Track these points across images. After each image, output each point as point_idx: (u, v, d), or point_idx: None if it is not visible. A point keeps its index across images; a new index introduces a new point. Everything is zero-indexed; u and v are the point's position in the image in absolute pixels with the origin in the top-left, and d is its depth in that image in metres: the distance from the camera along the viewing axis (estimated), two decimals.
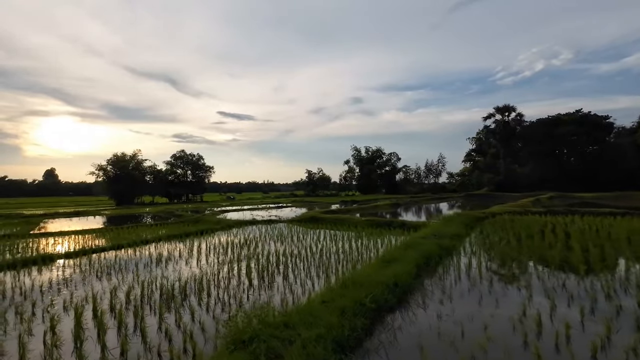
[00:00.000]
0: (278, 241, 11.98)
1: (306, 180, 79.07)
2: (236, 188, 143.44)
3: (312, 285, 6.59)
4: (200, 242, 12.02)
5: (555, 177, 49.22)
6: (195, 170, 66.33)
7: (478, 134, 68.82)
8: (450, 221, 11.19)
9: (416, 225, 13.70)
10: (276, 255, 9.34)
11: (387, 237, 11.57)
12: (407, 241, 7.09)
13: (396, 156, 75.17)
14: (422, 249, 6.24)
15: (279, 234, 13.49)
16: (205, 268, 8.30)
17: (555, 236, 9.78)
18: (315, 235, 13.16)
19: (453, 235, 8.37)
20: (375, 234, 12.81)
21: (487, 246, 8.55)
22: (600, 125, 49.49)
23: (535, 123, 55.05)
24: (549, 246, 8.67)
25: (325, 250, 9.84)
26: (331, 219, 16.63)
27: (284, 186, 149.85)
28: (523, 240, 9.38)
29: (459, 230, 9.09)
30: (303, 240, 12.05)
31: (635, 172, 44.57)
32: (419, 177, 75.65)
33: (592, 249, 7.96)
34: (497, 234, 9.69)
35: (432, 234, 8.31)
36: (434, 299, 4.87)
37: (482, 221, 13.19)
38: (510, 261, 7.34)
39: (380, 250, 9.53)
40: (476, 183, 59.62)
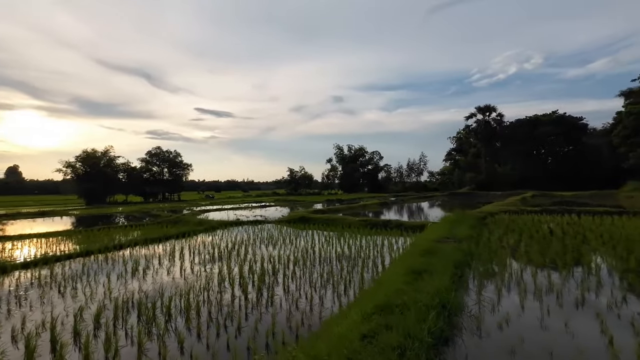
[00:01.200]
0: (270, 244, 10.97)
1: (288, 179, 77.75)
2: (215, 186, 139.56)
3: (319, 300, 5.68)
4: (182, 246, 10.81)
5: (535, 176, 50.53)
6: (172, 167, 63.59)
7: (458, 133, 69.96)
8: (456, 222, 10.58)
9: (414, 226, 13.06)
10: (271, 261, 8.36)
11: (387, 240, 10.82)
12: (425, 246, 6.34)
13: (379, 155, 75.29)
14: (446, 256, 5.50)
15: (268, 236, 12.46)
16: (192, 279, 7.20)
17: (569, 236, 9.34)
18: (309, 237, 12.23)
19: (467, 238, 7.70)
20: (373, 235, 12.04)
21: (509, 249, 7.94)
22: (576, 126, 51.24)
23: (514, 123, 56.33)
24: (571, 247, 8.18)
25: (325, 255, 8.95)
26: (322, 219, 15.74)
27: (265, 185, 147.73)
28: (537, 240, 8.85)
29: (470, 232, 8.46)
30: (296, 242, 11.09)
31: (609, 171, 46.36)
32: (401, 175, 76.13)
33: (619, 249, 7.53)
34: (509, 235, 9.14)
35: (445, 236, 7.60)
36: (488, 321, 4.03)
37: (484, 221, 12.71)
38: (546, 266, 6.73)
39: (384, 253, 8.77)
40: (457, 182, 60.44)
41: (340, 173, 76.82)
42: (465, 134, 66.01)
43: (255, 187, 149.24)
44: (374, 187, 70.65)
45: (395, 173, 76.89)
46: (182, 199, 60.79)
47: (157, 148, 62.95)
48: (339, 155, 77.36)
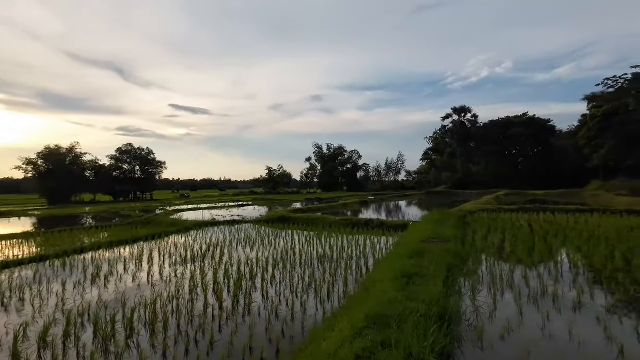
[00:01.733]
0: (247, 246, 10.39)
1: (266, 178, 76.55)
2: (190, 185, 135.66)
3: (301, 306, 5.23)
4: (151, 248, 10.03)
5: (507, 175, 52.35)
6: (145, 165, 60.99)
7: (435, 134, 71.51)
8: (439, 222, 10.44)
9: (396, 225, 12.87)
10: (248, 264, 7.83)
11: (370, 239, 10.52)
12: (413, 248, 6.03)
13: (358, 154, 75.60)
14: (435, 258, 5.21)
15: (246, 237, 11.86)
16: (160, 286, 6.55)
17: (551, 235, 9.39)
18: (289, 237, 11.74)
19: (453, 238, 7.51)
20: (355, 235, 11.73)
21: (495, 249, 7.78)
22: (545, 128, 53.55)
23: (488, 124, 58.14)
24: (555, 246, 8.17)
25: (306, 257, 8.51)
26: (302, 219, 15.28)
27: (243, 183, 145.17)
28: (521, 240, 8.81)
29: (455, 232, 8.29)
30: (276, 244, 10.58)
31: (576, 171, 48.74)
32: (379, 175, 76.87)
33: (601, 247, 7.56)
34: (493, 234, 9.07)
35: (431, 237, 7.37)
36: (489, 331, 3.70)
37: (465, 220, 12.71)
38: (535, 266, 6.58)
39: (367, 254, 8.45)
40: (434, 181, 61.68)
41: (319, 172, 76.53)
42: (441, 134, 67.52)
43: (233, 186, 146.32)
44: (353, 186, 70.90)
45: (373, 172, 77.63)
46: (155, 198, 58.43)
47: (128, 145, 60.18)
48: (318, 154, 77.07)
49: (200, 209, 28.05)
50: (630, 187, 33.66)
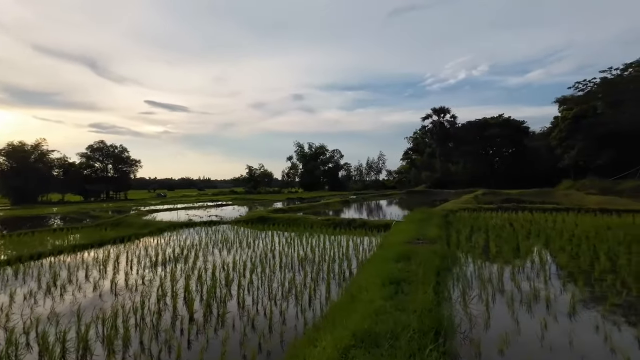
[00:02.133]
0: (224, 248, 9.84)
1: (247, 177, 75.23)
2: (167, 184, 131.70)
3: (280, 315, 4.83)
4: (119, 253, 9.30)
5: (483, 175, 53.68)
6: (118, 164, 58.49)
7: (415, 134, 72.55)
8: (422, 221, 10.27)
9: (379, 225, 12.65)
10: (224, 268, 7.32)
11: (352, 240, 10.22)
12: (398, 250, 5.73)
13: (339, 153, 75.53)
14: (423, 261, 4.92)
15: (223, 238, 11.28)
16: (124, 295, 5.96)
17: (533, 235, 9.40)
18: (268, 239, 11.27)
19: (438, 239, 7.30)
20: (337, 235, 11.41)
21: (481, 250, 7.60)
22: (520, 129, 55.29)
23: (466, 125, 59.42)
24: (538, 246, 8.14)
25: (286, 260, 8.10)
26: (283, 219, 14.82)
27: (223, 183, 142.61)
28: (505, 240, 8.75)
29: (439, 232, 8.11)
30: (255, 246, 10.09)
31: (548, 171, 50.57)
32: (361, 174, 77.20)
33: (583, 246, 7.56)
34: (477, 234, 8.96)
35: (416, 237, 7.12)
36: (486, 344, 3.36)
37: (447, 219, 12.66)
38: (523, 268, 6.42)
39: (350, 256, 8.13)
40: (414, 180, 62.49)
41: (301, 171, 75.97)
42: (421, 134, 68.53)
43: (212, 185, 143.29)
44: (335, 185, 70.81)
45: (355, 171, 77.85)
46: (129, 198, 56.09)
47: (100, 142, 57.49)
48: (300, 153, 76.48)
49: (176, 209, 27.00)
50: (599, 186, 35.19)
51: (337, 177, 74.25)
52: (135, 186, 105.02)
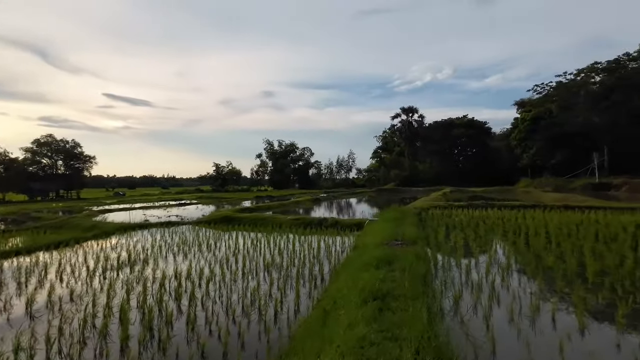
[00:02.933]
0: (180, 253, 8.73)
1: (214, 175, 72.45)
2: (128, 182, 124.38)
3: (239, 337, 3.96)
4: (49, 262, 7.92)
5: (449, 173, 55.30)
6: (70, 160, 53.85)
7: (384, 133, 73.50)
8: (397, 220, 9.77)
9: (351, 224, 12.05)
10: (176, 278, 6.30)
11: (324, 241, 9.50)
12: (377, 254, 5.02)
13: (310, 151, 74.86)
14: (406, 267, 4.27)
15: (181, 241, 10.12)
16: (42, 317, 4.79)
17: (511, 233, 9.18)
18: (232, 241, 10.27)
19: (417, 239, 6.75)
20: (308, 235, 10.65)
21: (463, 251, 7.09)
22: (483, 130, 57.60)
23: (432, 125, 61.01)
24: (520, 245, 7.87)
25: (250, 265, 7.20)
26: (250, 219, 13.82)
27: (189, 181, 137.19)
28: (484, 240, 8.43)
29: (416, 231, 7.59)
30: (216, 250, 9.07)
31: (508, 170, 53.06)
32: (331, 172, 76.99)
33: (565, 245, 7.34)
34: (454, 233, 8.56)
35: (393, 238, 6.53)
36: None
37: (420, 217, 12.33)
38: (511, 270, 5.98)
39: (322, 259, 7.40)
40: (383, 178, 63.19)
41: (270, 169, 74.42)
42: (390, 133, 69.51)
43: (178, 184, 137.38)
44: (305, 183, 70.05)
45: (325, 170, 77.54)
46: (82, 197, 51.74)
47: (48, 136, 52.58)
48: (269, 151, 74.90)
49: (133, 209, 24.96)
50: (554, 184, 37.30)
51: (307, 175, 73.51)
52: (91, 184, 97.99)
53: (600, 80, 36.30)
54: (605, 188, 32.36)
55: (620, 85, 34.75)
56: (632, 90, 34.28)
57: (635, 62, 35.18)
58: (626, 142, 35.12)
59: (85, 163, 56.57)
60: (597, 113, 36.59)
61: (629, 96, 34.74)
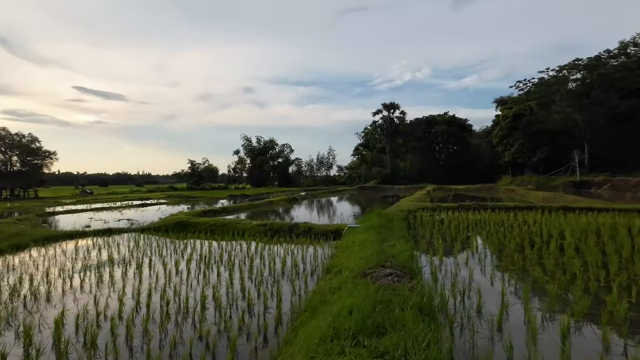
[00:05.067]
0: (105, 275, 6.58)
1: (189, 172, 69.00)
2: (100, 180, 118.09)
3: None
4: None
5: (431, 170, 54.57)
6: (26, 156, 49.34)
7: (365, 129, 72.27)
8: (382, 228, 7.97)
9: (327, 232, 10.19)
10: (84, 317, 4.24)
11: (292, 256, 7.60)
12: (360, 305, 2.92)
13: (289, 147, 72.62)
14: (408, 346, 2.40)
15: (108, 258, 7.92)
16: None
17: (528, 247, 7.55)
18: (179, 255, 8.19)
19: (413, 263, 4.91)
20: (274, 244, 8.71)
21: (486, 291, 4.89)
22: (464, 127, 57.17)
23: (414, 121, 60.16)
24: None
25: (191, 298, 5.11)
26: (208, 225, 11.71)
27: (164, 178, 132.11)
28: (506, 259, 6.74)
29: (408, 250, 5.71)
30: (153, 269, 6.98)
31: (487, 167, 52.87)
32: (311, 169, 75.12)
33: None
34: (459, 249, 6.79)
35: (380, 262, 4.68)
36: None
37: (409, 223, 10.64)
38: None
39: (282, 293, 5.51)
40: (364, 175, 61.89)
41: (248, 166, 71.67)
42: (372, 130, 68.29)
43: (153, 181, 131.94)
44: (285, 180, 67.84)
45: (306, 167, 75.55)
46: (40, 196, 47.48)
47: (1, 130, 47.88)
48: (248, 147, 72.16)
49: (88, 210, 22.20)
50: (536, 181, 36.92)
51: (287, 173, 71.26)
52: (59, 182, 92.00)
53: (581, 77, 36.08)
54: (587, 186, 32.11)
55: (600, 83, 34.59)
56: (612, 88, 34.17)
57: (615, 60, 35.11)
58: (606, 139, 35.07)
59: (45, 159, 52.11)
60: (578, 110, 36.39)
61: (609, 93, 34.64)
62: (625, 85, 32.63)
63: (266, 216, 16.02)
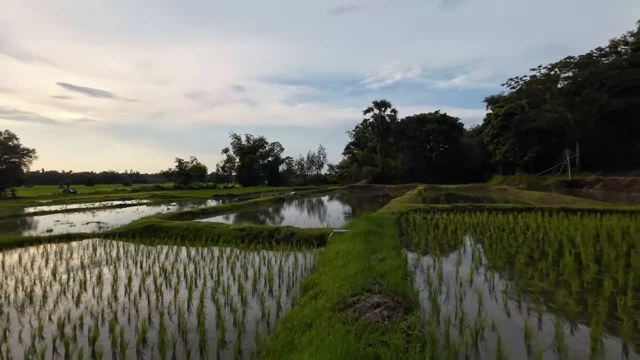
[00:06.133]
0: (36, 296, 5.46)
1: (177, 171, 67.17)
2: (86, 179, 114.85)
3: None
4: None
5: (422, 169, 54.02)
6: (3, 154, 47.12)
7: (357, 128, 71.47)
8: (370, 235, 7.00)
9: (311, 237, 9.20)
10: None
11: (269, 267, 6.60)
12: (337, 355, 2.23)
13: (279, 146, 71.28)
14: None
15: (50, 274, 6.79)
16: None
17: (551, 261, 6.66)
18: (137, 266, 7.10)
19: (406, 285, 3.97)
20: (250, 251, 7.69)
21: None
22: (455, 126, 56.78)
23: (405, 120, 59.58)
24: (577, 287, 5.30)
25: (125, 335, 4.09)
26: (180, 229, 10.60)
27: (153, 177, 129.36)
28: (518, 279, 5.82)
29: (402, 266, 4.78)
30: (99, 288, 5.89)
31: (478, 166, 52.58)
32: (302, 168, 74.03)
33: None
34: (461, 260, 5.85)
35: (366, 285, 3.73)
36: None
37: (400, 227, 9.72)
38: None
39: (247, 317, 4.51)
40: (355, 174, 61.08)
41: (237, 165, 70.12)
42: (363, 128, 67.53)
43: (142, 180, 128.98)
44: (275, 180, 66.59)
45: (296, 166, 74.39)
46: (17, 196, 45.31)
47: None
48: (237, 146, 70.58)
49: (63, 212, 20.81)
50: (527, 181, 36.55)
51: (277, 172, 69.95)
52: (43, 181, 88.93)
53: (573, 75, 35.81)
54: (578, 185, 31.80)
55: (592, 80, 34.34)
56: (603, 86, 33.94)
57: (606, 58, 34.90)
58: (597, 138, 34.87)
59: (23, 157, 49.90)
60: (569, 109, 36.11)
61: (600, 92, 34.42)
62: (616, 83, 32.41)
63: (248, 219, 14.94)
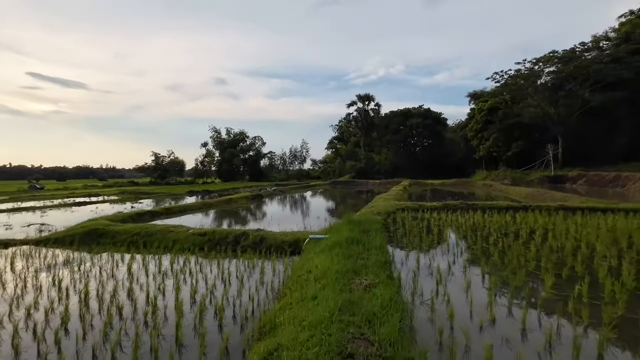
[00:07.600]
0: None
1: (153, 165, 64.10)
2: (57, 174, 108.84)
3: None
4: None
5: (406, 164, 53.39)
6: None
7: (340, 122, 70.18)
8: (353, 246, 5.61)
9: (284, 244, 7.78)
10: None
11: (226, 284, 5.14)
12: None
13: (261, 140, 69.06)
14: None
15: None
16: None
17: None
18: (61, 286, 5.50)
19: (398, 327, 2.68)
20: (211, 260, 6.20)
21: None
22: (439, 120, 56.38)
23: (389, 114, 58.75)
24: None
25: None
26: (130, 234, 8.95)
27: (130, 172, 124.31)
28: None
29: (390, 290, 3.51)
30: None
31: (461, 161, 52.41)
32: (284, 163, 72.22)
33: None
34: (459, 280, 4.60)
35: (342, 305, 2.41)
36: None
37: (389, 232, 8.44)
38: None
39: None
40: (338, 170, 59.92)
41: (217, 159, 67.59)
42: (346, 123, 66.37)
43: (119, 175, 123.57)
44: (256, 175, 64.54)
45: (279, 161, 72.44)
46: None
47: None
48: (216, 139, 67.93)
49: (12, 210, 18.54)
50: (511, 176, 36.31)
51: (258, 167, 67.83)
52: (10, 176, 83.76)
53: (556, 70, 35.66)
54: (561, 181, 31.71)
55: (575, 75, 34.24)
56: (586, 81, 33.89)
57: (589, 53, 34.86)
58: (579, 133, 34.91)
59: None
60: (553, 103, 35.98)
61: (583, 86, 34.36)
62: (599, 78, 32.38)
63: (218, 218, 13.35)
